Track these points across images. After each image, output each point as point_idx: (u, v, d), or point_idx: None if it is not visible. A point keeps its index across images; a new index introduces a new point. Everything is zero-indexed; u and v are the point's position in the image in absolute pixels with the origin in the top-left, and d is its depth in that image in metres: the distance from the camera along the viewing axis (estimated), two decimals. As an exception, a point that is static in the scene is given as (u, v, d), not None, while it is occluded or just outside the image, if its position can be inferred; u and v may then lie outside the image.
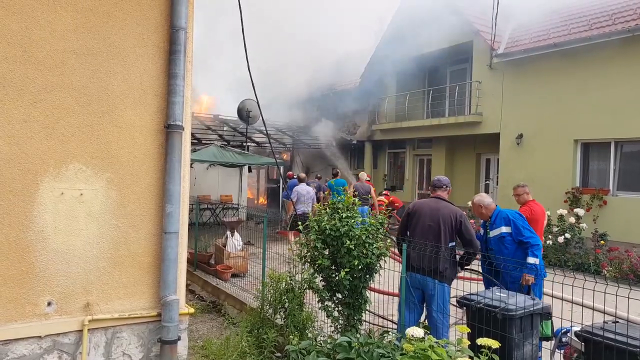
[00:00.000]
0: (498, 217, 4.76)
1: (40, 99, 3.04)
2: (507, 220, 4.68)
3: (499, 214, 4.78)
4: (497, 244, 4.71)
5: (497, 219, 4.75)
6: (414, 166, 17.23)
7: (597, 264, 9.14)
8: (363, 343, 3.56)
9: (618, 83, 10.44)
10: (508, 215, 4.72)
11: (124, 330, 3.35)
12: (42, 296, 3.07)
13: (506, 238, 4.65)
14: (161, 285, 3.40)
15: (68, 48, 3.12)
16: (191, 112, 3.68)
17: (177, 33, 3.40)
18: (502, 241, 4.68)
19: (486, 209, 4.86)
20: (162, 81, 3.45)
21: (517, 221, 4.64)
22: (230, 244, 8.60)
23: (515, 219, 4.67)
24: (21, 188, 2.99)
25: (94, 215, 3.23)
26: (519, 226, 4.60)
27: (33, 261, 3.03)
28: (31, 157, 3.02)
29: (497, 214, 4.79)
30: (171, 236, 3.39)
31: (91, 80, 3.21)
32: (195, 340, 5.61)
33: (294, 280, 4.60)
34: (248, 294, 6.87)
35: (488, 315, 3.52)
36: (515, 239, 4.61)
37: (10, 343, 2.96)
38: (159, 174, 3.46)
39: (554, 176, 11.54)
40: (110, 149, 3.29)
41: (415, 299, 4.56)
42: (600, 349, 3.10)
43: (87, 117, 3.20)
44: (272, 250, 7.10)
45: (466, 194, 14.73)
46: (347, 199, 4.49)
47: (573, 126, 11.33)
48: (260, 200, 19.51)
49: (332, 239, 4.23)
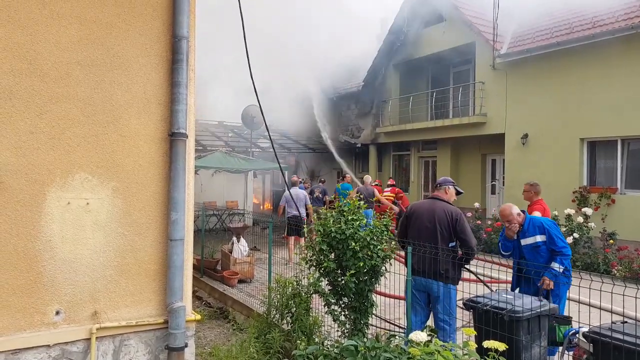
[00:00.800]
0: (531, 224, 4.59)
1: (46, 110, 3.08)
2: (542, 228, 4.53)
3: (531, 221, 4.63)
4: (532, 252, 4.56)
5: (530, 227, 4.59)
6: (419, 168, 17.20)
7: (606, 264, 9.06)
8: (370, 347, 3.55)
9: (623, 80, 10.38)
10: (542, 223, 4.57)
11: (131, 338, 3.37)
12: (50, 305, 3.09)
13: (541, 247, 4.51)
14: (167, 293, 3.42)
15: (72, 59, 3.16)
16: (195, 119, 3.70)
17: (179, 42, 3.43)
18: (537, 250, 4.53)
19: (520, 217, 4.67)
20: (166, 90, 3.48)
21: (552, 230, 4.51)
22: (236, 249, 8.63)
23: (550, 227, 4.53)
24: (28, 198, 3.02)
25: (101, 224, 3.26)
26: (553, 235, 4.47)
27: (41, 270, 3.06)
28: (38, 167, 3.06)
29: (530, 221, 4.63)
30: (177, 243, 3.41)
31: (95, 90, 3.25)
32: (203, 347, 5.63)
33: (300, 285, 4.61)
34: (255, 299, 6.89)
35: (495, 317, 3.51)
36: (548, 247, 4.49)
37: (20, 352, 2.99)
38: (163, 182, 3.49)
39: (561, 175, 11.48)
40: (115, 158, 3.32)
41: (422, 302, 4.55)
42: (608, 349, 3.08)
43: (92, 127, 3.24)
44: (278, 255, 7.12)
45: (472, 195, 14.67)
46: (353, 202, 4.51)
47: (579, 125, 11.27)
48: (266, 206, 19.54)
49: (337, 241, 4.24)
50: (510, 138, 12.93)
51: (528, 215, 4.74)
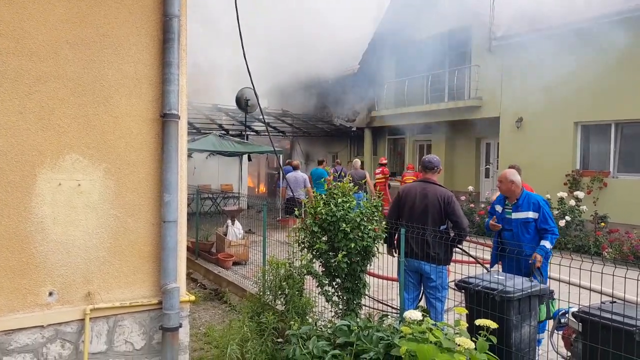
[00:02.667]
0: (526, 200, 4.58)
1: (35, 90, 3.04)
2: (537, 206, 4.52)
3: (527, 197, 4.60)
4: (520, 227, 4.57)
5: (525, 202, 4.58)
6: (414, 152, 17.21)
7: (597, 246, 9.18)
8: (362, 327, 3.60)
9: (618, 65, 10.37)
10: (539, 201, 4.56)
11: (125, 319, 3.39)
12: (44, 286, 3.09)
13: (531, 224, 4.53)
14: (161, 274, 3.43)
15: (61, 38, 3.10)
16: (187, 100, 3.66)
17: (170, 21, 3.37)
18: (527, 226, 4.54)
19: (516, 187, 4.65)
20: (157, 70, 3.43)
21: (546, 209, 4.52)
22: (231, 232, 8.65)
23: (544, 206, 4.53)
24: (19, 179, 3.00)
25: (93, 206, 3.25)
26: (546, 214, 4.48)
27: (33, 252, 3.05)
28: (28, 148, 3.03)
29: (526, 197, 4.61)
30: (170, 225, 3.40)
31: (85, 70, 3.20)
32: (197, 328, 5.68)
33: (293, 266, 4.64)
34: (249, 281, 6.93)
35: (486, 297, 3.55)
36: (539, 225, 4.50)
37: (14, 333, 3.00)
38: (156, 164, 3.46)
39: (554, 159, 11.53)
40: (106, 140, 3.29)
41: (414, 281, 4.61)
42: (597, 329, 3.13)
43: (83, 107, 3.20)
44: (273, 238, 7.14)
45: (466, 179, 14.75)
46: (344, 184, 4.51)
47: (573, 109, 11.28)
48: (260, 189, 19.54)
49: (328, 223, 4.25)
50: (505, 122, 12.94)
51: (525, 190, 4.70)
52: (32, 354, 3.06)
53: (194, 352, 4.82)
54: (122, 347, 3.37)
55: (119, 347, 3.36)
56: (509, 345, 3.42)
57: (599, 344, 3.05)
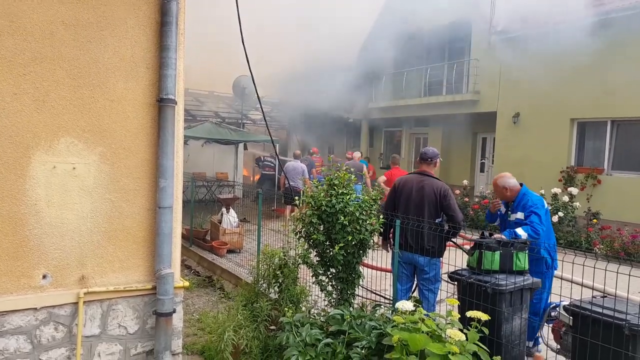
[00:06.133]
0: (522, 202, 4.37)
1: (30, 71, 3.00)
2: (527, 208, 4.29)
3: (522, 199, 4.39)
4: (514, 227, 4.32)
5: (519, 205, 4.38)
6: (410, 145, 17.22)
7: (589, 242, 9.26)
8: (356, 316, 3.62)
9: (616, 63, 10.38)
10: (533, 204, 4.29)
11: (119, 303, 3.39)
12: (37, 269, 3.08)
13: (521, 224, 4.29)
14: (156, 259, 3.42)
15: (57, 18, 3.06)
16: (184, 86, 3.63)
17: (168, 4, 3.33)
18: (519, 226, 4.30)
19: (511, 191, 4.45)
20: (154, 54, 3.40)
21: (536, 209, 4.25)
22: (225, 220, 8.64)
23: (534, 206, 4.28)
24: (13, 161, 2.97)
25: (87, 189, 3.23)
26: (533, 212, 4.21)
27: (27, 234, 3.03)
28: (22, 130, 2.99)
29: (522, 198, 4.39)
30: (165, 211, 3.39)
31: (81, 52, 3.16)
32: (191, 314, 5.69)
33: (288, 255, 4.64)
34: (243, 269, 6.95)
35: (479, 289, 3.58)
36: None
37: (7, 314, 2.99)
38: (152, 149, 3.44)
39: (550, 155, 11.58)
40: (102, 123, 3.26)
41: (407, 272, 4.64)
42: (587, 322, 3.17)
43: (78, 90, 3.16)
44: (268, 227, 7.15)
45: (462, 172, 14.79)
46: (343, 175, 4.50)
47: (570, 105, 11.31)
48: (256, 178, 19.51)
49: (327, 215, 4.25)
50: (502, 117, 12.96)
51: (524, 192, 4.45)
52: (26, 336, 3.06)
53: (187, 337, 4.84)
54: (116, 330, 3.38)
55: (113, 331, 3.37)
56: (499, 336, 3.46)
57: (589, 337, 3.09)
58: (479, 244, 3.83)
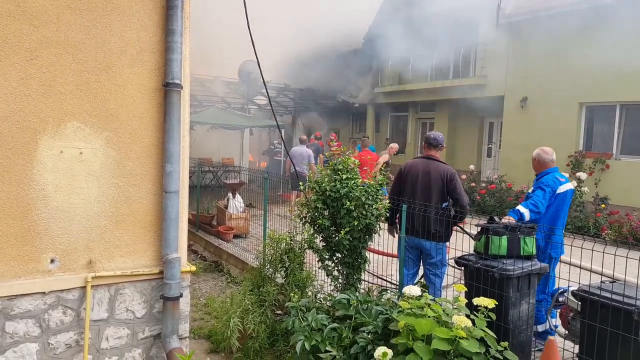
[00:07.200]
0: (539, 180, 4.38)
1: (37, 56, 2.98)
2: (537, 186, 4.32)
3: (542, 176, 4.38)
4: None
5: (537, 182, 4.39)
6: (417, 130, 17.10)
7: (597, 227, 9.21)
8: (362, 301, 3.63)
9: (625, 46, 10.18)
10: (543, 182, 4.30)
11: (126, 287, 3.41)
12: (45, 253, 3.10)
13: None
14: (163, 244, 3.43)
15: (63, 3, 3.02)
16: (190, 70, 3.60)
17: (173, -13, 3.28)
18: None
19: (538, 164, 4.47)
20: (160, 38, 3.36)
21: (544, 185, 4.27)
22: (231, 205, 8.66)
23: (542, 183, 4.29)
24: (20, 146, 2.97)
25: (94, 174, 3.23)
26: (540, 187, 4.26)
27: (35, 219, 3.05)
28: (29, 114, 2.99)
29: (541, 176, 4.39)
30: (171, 195, 3.39)
31: (87, 36, 3.13)
32: (198, 298, 5.74)
33: (294, 240, 4.65)
34: (249, 254, 6.98)
35: (486, 274, 3.57)
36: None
37: (16, 298, 3.02)
38: (158, 133, 3.43)
39: (558, 140, 11.44)
40: (108, 108, 3.25)
41: (414, 257, 4.64)
42: (596, 308, 3.16)
43: (84, 74, 3.14)
44: (274, 212, 7.16)
45: (468, 157, 14.70)
46: (346, 160, 4.47)
47: (578, 89, 11.14)
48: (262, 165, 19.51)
49: (332, 200, 4.24)
50: (509, 101, 12.81)
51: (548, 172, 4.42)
52: (34, 320, 3.09)
53: (194, 321, 4.89)
54: (123, 314, 3.41)
55: (120, 315, 3.40)
56: (506, 322, 3.46)
57: (598, 323, 3.08)
58: (486, 229, 3.82)
